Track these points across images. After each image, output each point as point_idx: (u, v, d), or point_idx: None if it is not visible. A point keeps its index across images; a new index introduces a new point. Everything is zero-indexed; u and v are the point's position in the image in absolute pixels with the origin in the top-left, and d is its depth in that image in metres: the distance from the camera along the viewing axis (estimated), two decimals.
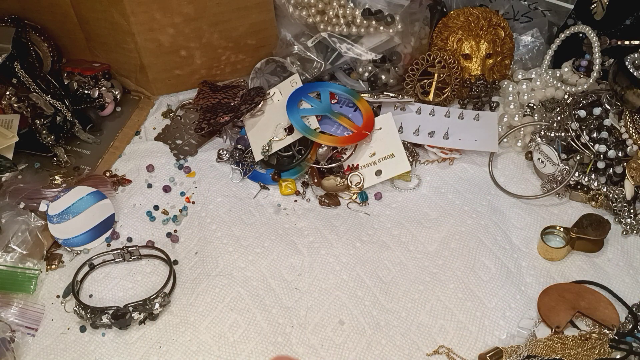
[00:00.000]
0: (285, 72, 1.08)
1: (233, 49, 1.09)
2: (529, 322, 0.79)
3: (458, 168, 1.00)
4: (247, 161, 1.00)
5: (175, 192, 0.97)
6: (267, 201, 0.96)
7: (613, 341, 0.75)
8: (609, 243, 0.88)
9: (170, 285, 0.84)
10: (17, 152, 0.97)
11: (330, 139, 0.96)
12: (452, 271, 0.85)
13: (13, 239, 0.87)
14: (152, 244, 0.90)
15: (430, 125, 1.02)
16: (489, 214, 0.92)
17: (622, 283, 0.83)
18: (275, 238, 0.90)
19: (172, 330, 0.80)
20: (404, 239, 0.90)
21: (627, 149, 0.91)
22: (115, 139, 1.04)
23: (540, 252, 0.87)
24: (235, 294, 0.83)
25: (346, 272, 0.86)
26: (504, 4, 1.11)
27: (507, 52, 1.09)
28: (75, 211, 0.90)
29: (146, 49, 1.03)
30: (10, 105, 1.00)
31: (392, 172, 0.96)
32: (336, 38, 1.05)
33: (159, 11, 0.99)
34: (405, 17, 1.05)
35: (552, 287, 0.82)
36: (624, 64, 0.91)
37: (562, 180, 0.93)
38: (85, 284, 0.86)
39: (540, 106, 1.04)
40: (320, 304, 0.82)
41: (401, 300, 0.82)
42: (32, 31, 1.06)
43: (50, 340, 0.80)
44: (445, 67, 1.05)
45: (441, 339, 0.78)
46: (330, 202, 0.95)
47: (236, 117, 1.01)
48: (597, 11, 1.05)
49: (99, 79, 1.08)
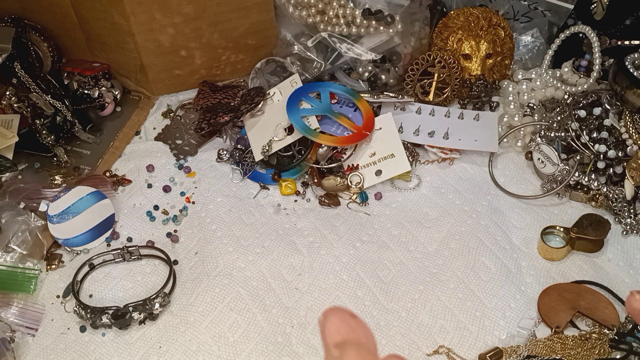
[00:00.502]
0: (285, 72, 1.08)
1: (233, 49, 1.09)
2: (529, 322, 0.79)
3: (458, 168, 1.00)
4: (247, 161, 0.99)
5: (175, 192, 0.97)
6: (267, 201, 0.96)
7: (613, 341, 0.74)
8: (609, 243, 0.88)
9: (170, 285, 0.84)
10: (17, 152, 0.97)
11: (330, 139, 0.96)
12: (452, 271, 0.85)
13: (13, 239, 0.86)
14: (152, 244, 0.90)
15: (430, 125, 1.02)
16: (489, 214, 0.92)
17: (622, 283, 0.83)
18: (275, 238, 0.90)
19: (172, 330, 0.80)
20: (404, 239, 0.90)
21: (627, 149, 0.91)
22: (115, 139, 1.04)
23: (540, 252, 0.87)
24: (235, 294, 0.83)
25: (346, 272, 0.86)
26: (504, 4, 1.11)
27: (507, 52, 1.09)
28: (75, 211, 0.90)
29: (146, 49, 1.03)
30: (10, 105, 1.00)
31: (392, 172, 0.96)
32: (336, 38, 1.05)
33: (159, 11, 0.99)
34: (405, 17, 1.05)
35: (552, 287, 0.82)
36: (624, 64, 0.91)
37: (562, 180, 0.93)
38: (85, 284, 0.86)
39: (540, 106, 1.04)
40: (320, 304, 0.82)
41: (401, 300, 0.82)
42: (32, 31, 1.06)
43: (50, 340, 0.80)
44: (445, 67, 1.05)
45: (441, 339, 0.78)
46: (330, 202, 0.95)
47: (236, 117, 1.01)
48: (597, 11, 1.05)
49: (99, 79, 1.08)
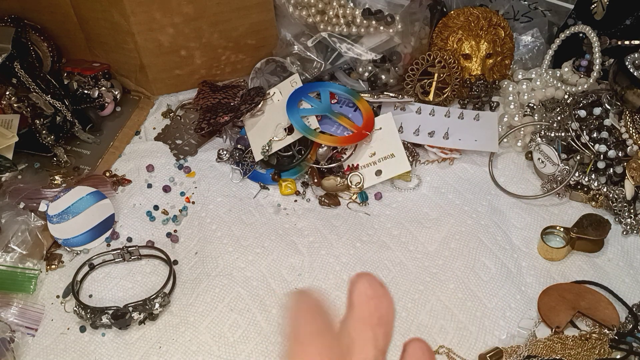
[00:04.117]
0: (285, 72, 1.08)
1: (233, 49, 1.09)
2: (529, 322, 0.79)
3: (458, 168, 1.00)
4: (247, 161, 0.99)
5: (175, 192, 0.97)
6: (267, 201, 0.96)
7: (613, 341, 0.74)
8: (609, 243, 0.88)
9: (170, 285, 0.84)
10: (17, 152, 0.97)
11: (330, 139, 0.96)
12: (452, 271, 0.85)
13: (13, 239, 0.86)
14: (152, 244, 0.90)
15: (430, 125, 1.02)
16: (489, 214, 0.92)
17: (622, 283, 0.83)
18: (275, 238, 0.90)
19: (172, 330, 0.80)
20: (404, 239, 0.90)
21: (627, 149, 0.91)
22: (115, 139, 1.04)
23: (541, 252, 0.87)
24: (235, 294, 0.83)
25: (346, 272, 0.86)
26: (504, 4, 1.11)
27: (507, 52, 1.09)
28: (75, 211, 0.90)
29: (146, 49, 1.03)
30: (10, 105, 1.00)
31: (392, 172, 0.96)
32: (336, 38, 1.05)
33: (159, 11, 0.99)
34: (405, 17, 1.05)
35: (552, 287, 0.82)
36: (624, 64, 0.91)
37: (562, 180, 0.93)
38: (85, 284, 0.86)
39: (540, 106, 1.03)
40: None
41: (401, 300, 0.82)
42: (32, 31, 1.06)
43: (50, 340, 0.80)
44: (445, 67, 1.05)
45: (441, 339, 0.78)
46: (330, 202, 0.95)
47: (236, 117, 1.01)
48: (597, 11, 1.05)
49: (99, 79, 1.08)
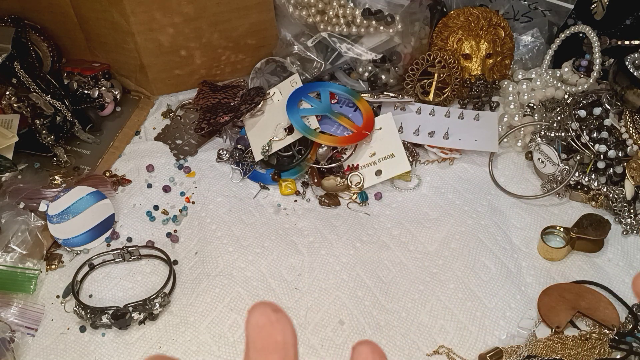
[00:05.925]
0: (285, 72, 1.08)
1: (233, 49, 1.09)
2: (529, 322, 0.79)
3: (458, 168, 1.00)
4: (247, 161, 0.99)
5: (175, 192, 0.97)
6: (267, 201, 0.96)
7: (613, 341, 0.74)
8: (609, 243, 0.88)
9: (170, 285, 0.84)
10: (17, 152, 0.97)
11: (330, 139, 0.96)
12: (452, 271, 0.85)
13: (13, 239, 0.86)
14: (152, 244, 0.90)
15: (430, 125, 1.02)
16: (489, 214, 0.92)
17: (622, 283, 0.83)
18: (275, 238, 0.90)
19: (172, 330, 0.80)
20: (404, 239, 0.90)
21: (627, 149, 0.91)
22: (115, 139, 1.04)
23: (541, 252, 0.87)
24: (235, 294, 0.83)
25: (346, 272, 0.86)
26: (504, 4, 1.11)
27: (507, 52, 1.09)
28: (75, 211, 0.90)
29: (146, 49, 1.03)
30: (10, 105, 1.00)
31: (392, 172, 0.96)
32: (336, 38, 1.05)
33: (159, 11, 0.99)
34: (405, 17, 1.04)
35: (552, 287, 0.82)
36: (624, 64, 0.91)
37: (562, 180, 0.93)
38: (85, 284, 0.86)
39: (540, 106, 1.03)
40: (320, 304, 0.82)
41: (401, 300, 0.82)
42: (32, 31, 1.06)
43: (50, 340, 0.80)
44: (445, 67, 1.05)
45: (441, 339, 0.78)
46: (330, 202, 0.95)
47: (236, 117, 1.01)
48: (597, 11, 1.05)
49: (99, 79, 1.08)
